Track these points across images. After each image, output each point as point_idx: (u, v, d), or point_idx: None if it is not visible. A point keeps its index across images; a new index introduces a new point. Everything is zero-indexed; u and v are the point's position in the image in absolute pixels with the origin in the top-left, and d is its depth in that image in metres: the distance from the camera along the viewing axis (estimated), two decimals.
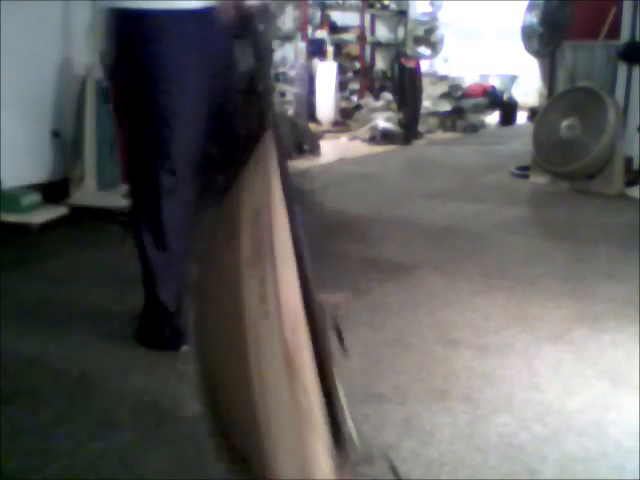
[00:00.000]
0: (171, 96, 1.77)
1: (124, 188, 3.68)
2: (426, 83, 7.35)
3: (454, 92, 7.93)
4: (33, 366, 1.88)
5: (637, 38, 4.29)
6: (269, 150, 1.04)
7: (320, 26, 8.04)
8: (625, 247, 3.01)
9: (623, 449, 1.48)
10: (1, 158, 3.23)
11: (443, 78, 8.30)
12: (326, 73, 7.06)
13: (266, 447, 0.96)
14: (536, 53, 5.00)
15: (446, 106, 7.66)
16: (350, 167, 5.01)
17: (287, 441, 0.97)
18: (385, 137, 6.26)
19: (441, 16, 8.02)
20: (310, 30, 7.55)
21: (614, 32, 4.48)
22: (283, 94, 6.29)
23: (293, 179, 1.07)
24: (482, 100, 8.08)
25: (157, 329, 1.97)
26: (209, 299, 1.08)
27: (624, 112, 4.27)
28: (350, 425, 1.05)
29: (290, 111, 6.04)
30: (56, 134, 3.57)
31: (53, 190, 3.49)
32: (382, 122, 6.39)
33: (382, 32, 8.83)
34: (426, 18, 8.39)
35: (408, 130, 6.36)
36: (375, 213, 3.60)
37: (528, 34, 4.85)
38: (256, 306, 0.97)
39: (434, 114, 7.50)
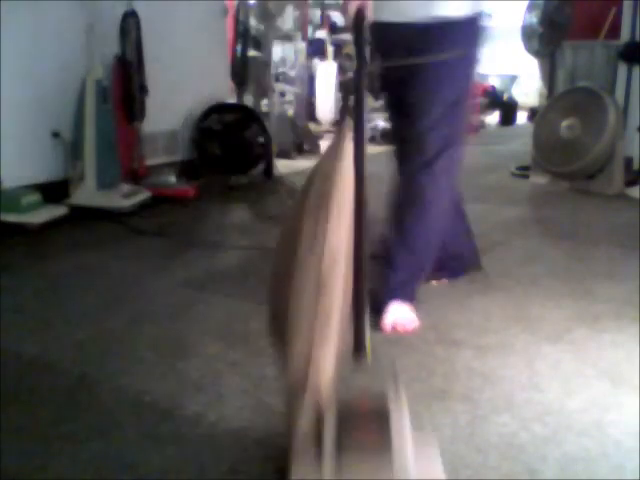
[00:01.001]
0: None
1: (124, 188, 3.69)
2: None
3: None
4: (33, 366, 1.88)
5: (637, 38, 4.29)
6: (347, 128, 1.37)
7: (320, 26, 8.05)
8: (625, 247, 3.01)
9: (623, 449, 1.48)
10: (1, 158, 3.23)
11: None
12: (326, 73, 7.07)
13: (291, 333, 1.29)
14: (536, 53, 5.00)
15: None
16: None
17: (304, 333, 1.28)
18: (385, 137, 6.26)
19: None
20: (310, 30, 7.55)
21: (614, 32, 4.48)
22: (283, 94, 6.29)
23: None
24: (482, 100, 8.09)
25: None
26: (287, 231, 1.47)
27: (624, 112, 4.28)
28: (367, 338, 1.33)
29: (290, 111, 6.04)
30: (56, 134, 3.57)
31: (53, 190, 3.49)
32: (382, 122, 6.39)
33: None
34: None
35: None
36: (375, 213, 3.59)
37: (528, 34, 4.86)
38: (308, 241, 1.32)
39: None
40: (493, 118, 8.27)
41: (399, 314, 2.11)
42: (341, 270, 1.32)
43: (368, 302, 1.35)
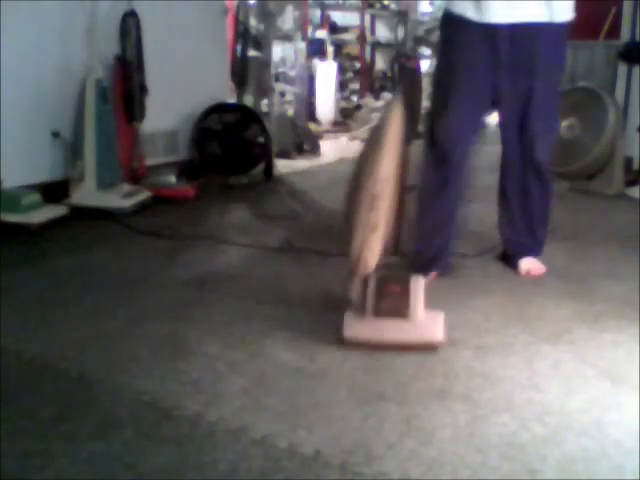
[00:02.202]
0: None
1: (124, 188, 3.69)
2: (426, 83, 7.34)
3: None
4: (33, 366, 1.88)
5: (637, 38, 4.29)
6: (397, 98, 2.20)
7: (320, 26, 8.05)
8: (625, 247, 3.01)
9: (623, 449, 1.48)
10: (1, 158, 3.23)
11: None
12: (326, 73, 7.07)
13: (352, 237, 1.98)
14: None
15: None
16: (350, 167, 5.00)
17: (359, 235, 1.97)
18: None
19: None
20: (310, 30, 7.55)
21: (614, 32, 4.48)
22: (283, 94, 6.29)
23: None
24: None
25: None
26: (358, 165, 2.13)
27: (624, 112, 4.27)
28: (400, 242, 2.28)
29: (290, 111, 6.04)
30: (56, 134, 3.57)
31: (53, 190, 3.49)
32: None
33: (382, 32, 8.83)
34: (426, 18, 8.39)
35: (408, 130, 6.36)
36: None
37: None
38: (368, 169, 2.00)
39: None
40: (493, 118, 8.27)
41: (531, 264, 2.64)
42: (389, 192, 1.98)
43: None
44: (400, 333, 1.95)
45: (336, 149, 5.85)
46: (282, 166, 4.82)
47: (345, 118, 7.18)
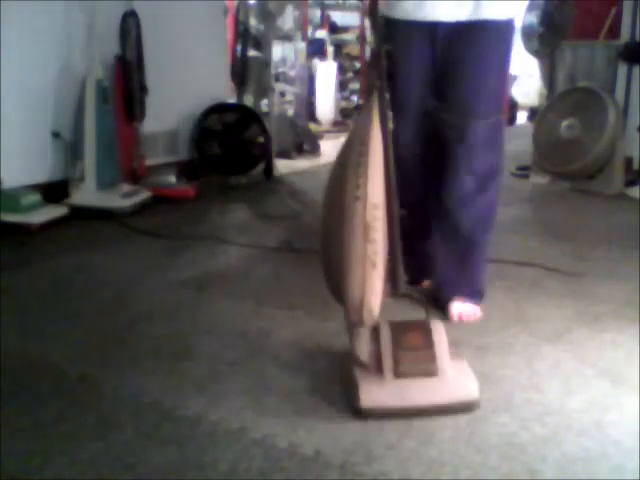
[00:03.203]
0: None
1: (124, 188, 3.69)
2: None
3: None
4: (33, 366, 1.88)
5: (637, 38, 4.29)
6: (374, 101, 1.74)
7: (320, 26, 8.05)
8: (625, 247, 3.01)
9: (623, 449, 1.48)
10: (1, 158, 3.23)
11: None
12: (326, 73, 7.07)
13: (345, 277, 1.65)
14: (536, 53, 5.00)
15: None
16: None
17: (357, 274, 1.63)
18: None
19: None
20: (310, 30, 7.55)
21: (614, 32, 4.48)
22: (283, 94, 6.29)
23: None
24: None
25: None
26: (332, 184, 1.80)
27: (624, 112, 4.28)
28: (401, 273, 1.77)
29: (290, 111, 6.04)
30: (56, 134, 3.57)
31: (53, 190, 3.49)
32: None
33: None
34: None
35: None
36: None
37: (528, 34, 4.86)
38: (352, 192, 1.64)
39: None
40: None
41: (464, 308, 2.22)
42: (382, 217, 1.66)
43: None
44: (430, 395, 1.62)
45: (336, 149, 5.85)
46: (282, 166, 4.82)
47: (345, 118, 7.19)
